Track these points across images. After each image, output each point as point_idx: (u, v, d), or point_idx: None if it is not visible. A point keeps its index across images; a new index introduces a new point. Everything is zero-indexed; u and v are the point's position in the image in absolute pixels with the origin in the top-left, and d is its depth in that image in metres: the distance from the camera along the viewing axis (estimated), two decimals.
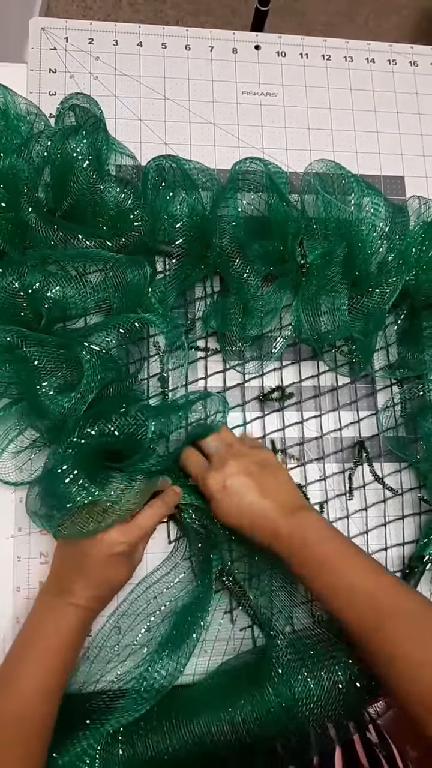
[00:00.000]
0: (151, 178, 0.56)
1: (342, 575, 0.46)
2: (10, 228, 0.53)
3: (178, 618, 0.51)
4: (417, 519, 0.59)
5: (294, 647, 0.49)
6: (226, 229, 0.55)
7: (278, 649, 0.49)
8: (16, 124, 0.56)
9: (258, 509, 0.48)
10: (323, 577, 0.46)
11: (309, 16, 1.56)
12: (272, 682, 0.47)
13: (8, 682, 0.45)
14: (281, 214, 0.56)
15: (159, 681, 0.47)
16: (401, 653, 0.43)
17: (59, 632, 0.46)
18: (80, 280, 0.53)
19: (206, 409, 0.54)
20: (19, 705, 0.43)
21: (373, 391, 0.61)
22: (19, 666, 0.45)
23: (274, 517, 0.48)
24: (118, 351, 0.53)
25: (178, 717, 0.48)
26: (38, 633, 0.47)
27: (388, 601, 0.44)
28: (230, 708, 0.47)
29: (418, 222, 0.58)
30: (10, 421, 0.53)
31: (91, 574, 0.47)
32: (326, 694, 0.47)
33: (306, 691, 0.47)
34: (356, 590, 0.45)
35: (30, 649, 0.46)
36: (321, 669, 0.48)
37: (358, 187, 0.56)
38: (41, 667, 0.45)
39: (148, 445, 0.48)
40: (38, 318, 0.52)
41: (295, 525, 0.47)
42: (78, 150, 0.53)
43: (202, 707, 0.48)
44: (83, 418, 0.48)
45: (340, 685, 0.47)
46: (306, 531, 0.47)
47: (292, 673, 0.48)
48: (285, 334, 0.59)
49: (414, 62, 0.70)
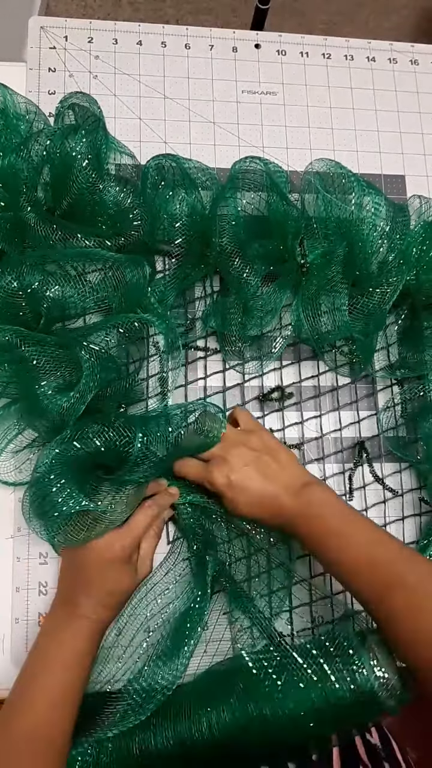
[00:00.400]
0: (150, 177, 0.56)
1: (345, 548, 0.46)
2: (9, 227, 0.53)
3: (176, 623, 0.51)
4: (417, 520, 0.59)
5: (272, 658, 0.48)
6: (226, 229, 0.55)
7: (253, 658, 0.48)
8: (15, 123, 0.55)
9: (265, 496, 0.49)
10: (330, 553, 0.47)
11: (309, 15, 1.56)
12: (238, 692, 0.47)
13: (22, 699, 0.44)
14: (281, 213, 0.56)
15: (159, 690, 0.47)
16: (402, 627, 0.44)
17: (70, 647, 0.46)
18: (79, 280, 0.52)
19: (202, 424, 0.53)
20: (33, 722, 0.43)
21: (374, 391, 0.61)
22: (33, 682, 0.45)
23: (280, 503, 0.48)
24: (118, 351, 0.52)
25: (164, 716, 0.48)
26: (49, 649, 0.46)
27: (389, 574, 0.45)
28: (208, 710, 0.47)
29: (419, 221, 0.58)
30: (8, 421, 0.52)
31: (92, 583, 0.47)
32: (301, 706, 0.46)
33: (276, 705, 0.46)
34: (360, 562, 0.46)
35: (42, 665, 0.46)
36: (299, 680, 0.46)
37: (358, 186, 0.56)
38: (54, 683, 0.45)
39: (138, 458, 0.47)
40: (37, 317, 0.52)
41: (301, 504, 0.48)
42: (77, 149, 0.53)
43: (186, 708, 0.48)
44: (74, 428, 0.48)
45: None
46: (311, 507, 0.48)
47: (262, 685, 0.47)
48: (285, 334, 0.59)
49: (414, 61, 0.70)
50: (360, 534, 0.47)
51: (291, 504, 0.48)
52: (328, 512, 0.48)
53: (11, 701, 0.44)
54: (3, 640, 0.52)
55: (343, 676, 0.45)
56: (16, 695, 0.45)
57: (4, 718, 0.44)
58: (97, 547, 0.47)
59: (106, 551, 0.47)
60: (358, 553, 0.46)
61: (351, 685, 0.45)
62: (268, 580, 0.54)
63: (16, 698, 0.45)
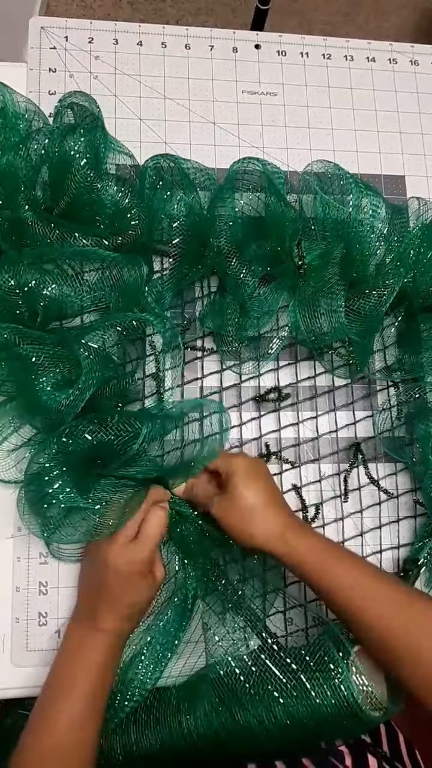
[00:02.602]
0: (148, 177, 0.56)
1: (329, 584, 0.46)
2: (7, 226, 0.53)
3: (165, 623, 0.51)
4: (412, 522, 0.59)
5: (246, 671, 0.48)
6: (224, 229, 0.55)
7: (228, 669, 0.48)
8: (14, 122, 0.55)
9: (255, 542, 0.48)
10: (320, 592, 0.47)
11: (309, 15, 1.56)
12: (214, 702, 0.47)
13: (46, 715, 0.44)
14: (279, 214, 0.56)
15: (145, 687, 0.48)
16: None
17: (93, 662, 0.46)
18: (77, 279, 0.53)
19: (203, 429, 0.53)
20: (57, 737, 0.43)
21: (370, 392, 0.61)
22: (55, 698, 0.45)
23: (269, 548, 0.47)
24: (116, 350, 0.52)
25: (147, 719, 0.48)
26: (71, 664, 0.46)
27: (366, 611, 0.45)
28: (187, 718, 0.47)
29: (417, 224, 0.58)
30: (4, 419, 0.52)
31: (115, 599, 0.47)
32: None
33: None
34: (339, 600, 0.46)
35: (64, 680, 0.46)
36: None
37: (356, 187, 0.56)
38: (77, 698, 0.45)
39: (139, 452, 0.47)
40: (34, 316, 0.52)
41: (288, 552, 0.47)
42: (76, 148, 0.53)
43: (167, 712, 0.49)
44: (72, 424, 0.47)
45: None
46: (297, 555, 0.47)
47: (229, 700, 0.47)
48: (282, 335, 0.59)
49: (414, 61, 0.70)
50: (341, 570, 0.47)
51: (280, 552, 0.47)
52: (315, 560, 0.47)
53: (36, 720, 0.45)
54: (3, 640, 0.52)
55: (323, 690, 0.45)
56: (41, 713, 0.45)
57: (30, 736, 0.44)
58: (118, 565, 0.46)
59: (127, 568, 0.46)
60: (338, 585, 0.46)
61: (332, 700, 0.44)
62: (261, 581, 0.53)
63: (40, 717, 0.45)
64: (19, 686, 0.52)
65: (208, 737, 0.47)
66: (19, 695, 0.52)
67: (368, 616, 0.45)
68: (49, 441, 0.47)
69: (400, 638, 0.44)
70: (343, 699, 0.44)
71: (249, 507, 0.48)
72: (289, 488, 0.58)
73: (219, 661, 0.49)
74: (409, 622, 0.44)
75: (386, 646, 0.44)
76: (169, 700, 0.50)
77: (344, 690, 0.45)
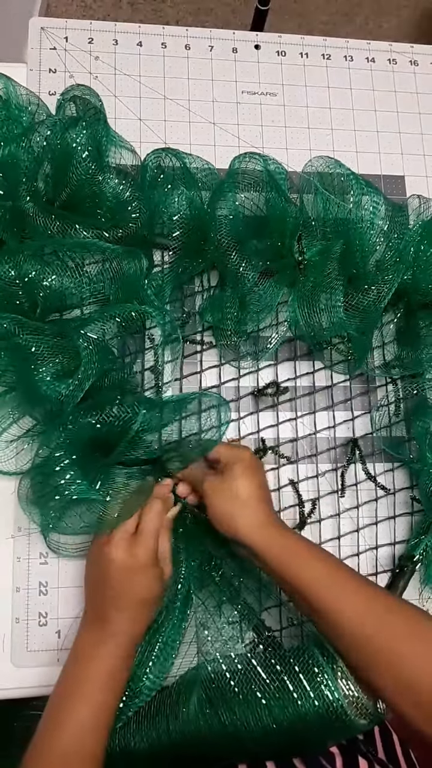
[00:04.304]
0: (150, 170, 0.56)
1: (302, 590, 0.45)
2: (8, 217, 0.53)
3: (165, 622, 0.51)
4: (408, 518, 0.59)
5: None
6: (224, 224, 0.55)
7: (215, 669, 0.48)
8: (17, 114, 0.56)
9: (237, 531, 0.47)
10: (294, 592, 0.47)
11: (309, 15, 1.56)
12: (202, 702, 0.47)
13: (57, 721, 0.44)
14: (279, 209, 0.56)
15: (146, 690, 0.48)
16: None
17: (104, 668, 0.45)
18: (77, 271, 0.53)
19: (201, 422, 0.53)
20: (67, 743, 0.43)
21: (368, 389, 0.61)
22: (66, 704, 0.45)
23: (249, 540, 0.47)
24: (115, 342, 0.53)
25: (143, 716, 0.48)
26: (82, 670, 0.46)
27: (341, 613, 0.44)
28: (175, 719, 0.47)
29: (417, 221, 0.58)
30: (4, 410, 0.52)
31: (122, 595, 0.46)
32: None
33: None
34: (321, 611, 0.45)
35: (75, 686, 0.45)
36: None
37: (357, 185, 0.56)
38: (89, 704, 0.44)
39: (137, 434, 0.47)
40: (34, 307, 0.52)
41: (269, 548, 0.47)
42: (78, 141, 0.53)
43: (161, 710, 0.49)
44: (75, 411, 0.48)
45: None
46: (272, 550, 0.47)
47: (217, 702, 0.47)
48: (281, 330, 0.59)
49: (414, 61, 0.70)
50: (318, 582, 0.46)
51: (260, 547, 0.47)
52: (290, 561, 0.46)
53: (45, 725, 0.44)
54: (3, 640, 0.52)
55: (307, 694, 0.44)
56: (51, 718, 0.44)
57: (39, 742, 0.44)
58: (119, 558, 0.46)
59: (129, 561, 0.46)
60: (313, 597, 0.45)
61: (315, 702, 0.44)
62: (257, 576, 0.53)
63: (49, 722, 0.44)
64: (19, 686, 0.52)
65: (196, 736, 0.46)
66: (19, 695, 0.52)
67: (343, 618, 0.44)
68: (55, 430, 0.47)
69: (372, 642, 0.43)
70: (328, 704, 0.44)
71: (242, 496, 0.48)
72: (285, 483, 0.58)
73: (210, 660, 0.49)
74: (383, 625, 0.43)
75: (359, 649, 0.43)
76: (163, 699, 0.49)
77: (329, 695, 0.44)
